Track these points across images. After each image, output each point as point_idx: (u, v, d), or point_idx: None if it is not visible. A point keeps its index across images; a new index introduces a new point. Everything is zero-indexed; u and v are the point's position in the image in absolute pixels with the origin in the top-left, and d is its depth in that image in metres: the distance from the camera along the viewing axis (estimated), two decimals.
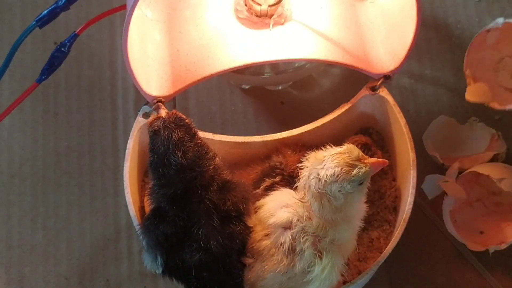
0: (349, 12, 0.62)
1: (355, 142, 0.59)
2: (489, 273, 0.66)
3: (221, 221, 0.50)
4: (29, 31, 0.58)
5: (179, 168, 0.48)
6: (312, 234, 0.50)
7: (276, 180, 0.58)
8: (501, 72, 0.71)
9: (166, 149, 0.48)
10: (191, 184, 0.49)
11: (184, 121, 0.50)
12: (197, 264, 0.50)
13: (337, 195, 0.48)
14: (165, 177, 0.49)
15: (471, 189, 0.69)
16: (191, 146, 0.49)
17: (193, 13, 0.61)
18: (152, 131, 0.49)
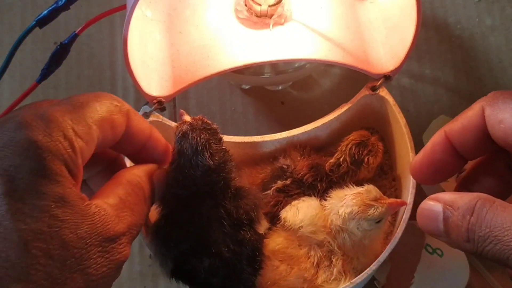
0: (349, 12, 0.62)
1: (351, 142, 0.60)
2: (489, 273, 0.66)
3: (232, 227, 0.50)
4: (29, 31, 0.58)
5: (206, 170, 0.48)
6: (342, 256, 0.54)
7: (287, 182, 0.59)
8: None
9: (194, 151, 0.48)
10: (213, 188, 0.49)
11: (211, 126, 0.50)
12: (207, 269, 0.50)
13: (355, 231, 0.53)
14: (190, 179, 0.49)
15: None
16: (218, 150, 0.49)
17: (193, 13, 0.61)
18: (180, 134, 0.49)
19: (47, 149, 0.36)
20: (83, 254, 0.35)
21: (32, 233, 0.33)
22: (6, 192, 0.34)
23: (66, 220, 0.35)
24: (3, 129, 0.36)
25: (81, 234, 0.35)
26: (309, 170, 0.59)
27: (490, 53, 0.76)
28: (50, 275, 0.33)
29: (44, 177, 0.35)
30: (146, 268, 0.68)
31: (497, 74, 0.75)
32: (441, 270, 0.64)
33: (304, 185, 0.59)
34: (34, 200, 0.34)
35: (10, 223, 0.33)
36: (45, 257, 0.33)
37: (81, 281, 0.35)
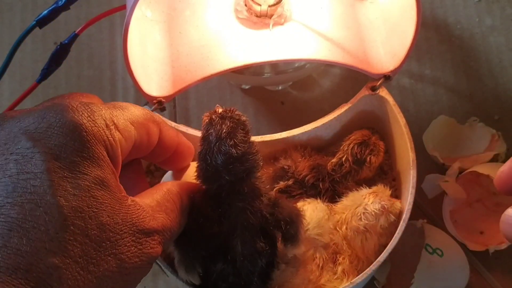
0: (349, 12, 0.62)
1: (353, 141, 0.60)
2: (489, 273, 0.66)
3: (253, 236, 0.49)
4: (29, 31, 0.58)
5: (228, 158, 0.47)
6: (348, 256, 0.55)
7: (290, 183, 0.59)
8: None
9: (218, 138, 0.47)
10: (237, 184, 0.48)
11: (240, 117, 0.49)
12: (218, 273, 0.49)
13: (378, 230, 0.55)
14: (212, 168, 0.47)
15: (471, 189, 0.69)
16: (243, 141, 0.48)
17: (193, 14, 0.61)
18: (207, 121, 0.49)
19: (91, 133, 0.37)
20: (118, 240, 0.36)
21: (72, 210, 0.34)
22: (51, 169, 0.35)
23: (105, 203, 0.36)
24: (50, 111, 0.37)
25: (117, 220, 0.37)
26: (311, 170, 0.59)
27: (490, 53, 0.76)
28: (85, 253, 0.34)
29: (87, 159, 0.37)
30: None
31: (497, 74, 0.75)
32: (441, 270, 0.64)
33: (306, 186, 0.59)
34: (76, 179, 0.36)
35: (52, 199, 0.34)
36: (83, 235, 0.34)
37: (114, 265, 0.36)
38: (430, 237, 0.65)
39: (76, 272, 0.33)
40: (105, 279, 0.35)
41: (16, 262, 0.32)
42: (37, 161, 0.35)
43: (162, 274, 0.67)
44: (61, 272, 0.33)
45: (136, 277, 0.39)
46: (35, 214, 0.33)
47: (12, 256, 0.32)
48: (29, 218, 0.33)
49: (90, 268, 0.34)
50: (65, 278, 0.33)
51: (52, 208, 0.34)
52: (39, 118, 0.37)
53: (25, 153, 0.35)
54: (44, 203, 0.34)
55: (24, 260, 0.32)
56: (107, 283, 0.36)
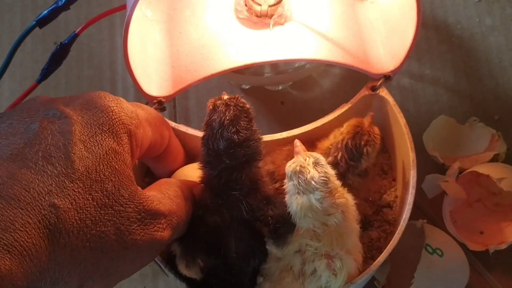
0: (349, 12, 0.62)
1: (346, 137, 0.57)
2: (489, 273, 0.66)
3: (247, 234, 0.49)
4: (29, 31, 0.58)
5: (230, 143, 0.48)
6: (324, 254, 0.50)
7: (276, 186, 0.56)
8: None
9: (221, 124, 0.48)
10: (236, 170, 0.48)
11: (244, 105, 0.50)
12: (210, 269, 0.49)
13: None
14: (213, 152, 0.48)
15: (471, 189, 0.69)
16: (246, 127, 0.49)
17: (193, 13, 0.61)
18: (212, 106, 0.50)
19: (117, 116, 0.41)
20: (121, 211, 0.38)
21: (82, 168, 0.37)
22: (72, 131, 0.38)
23: (113, 174, 0.39)
24: (83, 95, 0.42)
25: (123, 193, 0.39)
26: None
27: (490, 53, 0.76)
28: (86, 208, 0.37)
29: (107, 132, 0.40)
30: (146, 268, 0.68)
31: (497, 74, 0.75)
32: (441, 270, 0.64)
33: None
34: (92, 145, 0.39)
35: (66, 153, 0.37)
36: (86, 193, 0.37)
37: (113, 233, 0.38)
38: (430, 237, 0.65)
39: (74, 219, 0.35)
40: (101, 240, 0.37)
41: (21, 194, 0.34)
42: (64, 123, 0.38)
43: (162, 274, 0.67)
44: (60, 213, 0.35)
45: (137, 258, 0.40)
46: (49, 161, 0.36)
47: (17, 188, 0.34)
48: (41, 162, 0.36)
49: (87, 222, 0.36)
50: (64, 220, 0.35)
51: (65, 161, 0.37)
52: (73, 98, 0.42)
53: (55, 115, 0.39)
54: (58, 155, 0.37)
55: (29, 194, 0.34)
56: (104, 247, 0.37)
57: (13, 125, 0.38)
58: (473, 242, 0.65)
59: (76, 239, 0.35)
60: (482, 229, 0.68)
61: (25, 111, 0.39)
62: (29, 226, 0.33)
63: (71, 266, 0.35)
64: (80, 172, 0.37)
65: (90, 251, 0.36)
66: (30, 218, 0.33)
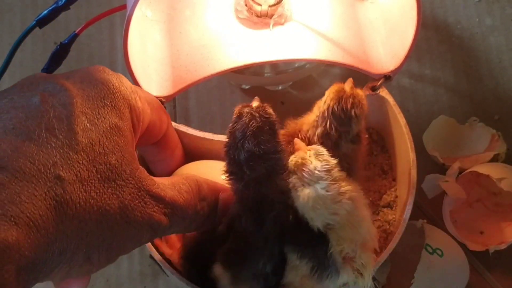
0: (349, 12, 0.62)
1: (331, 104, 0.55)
2: (489, 273, 0.66)
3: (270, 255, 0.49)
4: (29, 31, 0.58)
5: (250, 155, 0.47)
6: (343, 258, 0.49)
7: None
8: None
9: (243, 135, 0.47)
10: (262, 186, 0.47)
11: (271, 117, 0.49)
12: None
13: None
14: (235, 163, 0.47)
15: (471, 189, 0.69)
16: (268, 140, 0.47)
17: (193, 13, 0.61)
18: (236, 114, 0.49)
19: (118, 89, 0.41)
20: (123, 186, 0.39)
21: (86, 139, 0.37)
22: (74, 103, 0.38)
23: (116, 148, 0.39)
24: (83, 68, 0.42)
25: (125, 168, 0.39)
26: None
27: (490, 53, 0.76)
28: (90, 180, 0.36)
29: (109, 106, 0.40)
30: (146, 268, 0.68)
31: (497, 74, 0.75)
32: (441, 270, 0.64)
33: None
34: (94, 118, 0.39)
35: (69, 124, 0.37)
36: (90, 165, 0.37)
37: (116, 206, 0.38)
38: (430, 237, 0.65)
39: (80, 191, 0.35)
40: (106, 213, 0.37)
41: (26, 167, 0.34)
42: (63, 96, 0.38)
43: (162, 274, 0.67)
44: (66, 185, 0.35)
45: (137, 235, 0.40)
46: (52, 133, 0.36)
47: (22, 161, 0.34)
48: (44, 134, 0.36)
49: (92, 194, 0.36)
50: (70, 191, 0.35)
51: (68, 133, 0.37)
52: (73, 72, 0.41)
53: (53, 90, 0.38)
54: (60, 127, 0.37)
55: (34, 167, 0.34)
56: (109, 220, 0.37)
57: (14, 100, 0.38)
58: (473, 242, 0.65)
59: (83, 211, 0.35)
60: (482, 229, 0.68)
61: (25, 87, 0.39)
62: (35, 198, 0.33)
63: (78, 238, 0.35)
64: (84, 144, 0.37)
65: (96, 223, 0.36)
66: (36, 190, 0.33)
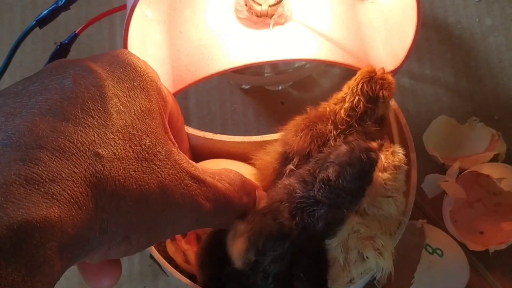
0: (349, 12, 0.62)
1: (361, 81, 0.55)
2: (489, 273, 0.66)
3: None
4: (29, 31, 0.58)
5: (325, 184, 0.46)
6: (364, 237, 0.49)
7: (296, 162, 0.53)
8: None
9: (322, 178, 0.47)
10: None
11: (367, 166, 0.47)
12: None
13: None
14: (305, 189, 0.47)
15: (471, 189, 0.69)
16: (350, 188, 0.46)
17: (193, 13, 0.61)
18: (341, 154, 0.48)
19: (145, 71, 0.41)
20: (161, 167, 0.38)
21: (120, 120, 0.38)
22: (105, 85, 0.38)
23: (149, 130, 0.39)
24: (112, 51, 0.42)
25: (160, 150, 0.39)
26: (309, 144, 0.54)
27: (490, 53, 0.76)
28: (128, 158, 0.37)
29: (138, 88, 0.40)
30: (146, 268, 0.68)
31: (497, 74, 0.75)
32: (441, 270, 0.64)
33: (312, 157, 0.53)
34: (125, 101, 0.39)
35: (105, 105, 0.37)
36: (126, 145, 0.37)
37: (156, 185, 0.38)
38: (430, 237, 0.64)
39: (118, 168, 0.36)
40: (145, 192, 0.37)
41: (65, 146, 0.34)
42: (94, 78, 0.38)
43: (162, 274, 0.67)
44: (105, 162, 0.35)
45: (179, 219, 0.40)
46: (88, 114, 0.36)
47: (61, 140, 0.34)
48: (81, 115, 0.36)
49: (131, 172, 0.36)
50: (109, 168, 0.35)
51: (103, 113, 0.37)
52: (98, 55, 0.41)
53: (83, 73, 0.38)
54: (96, 107, 0.37)
55: (73, 145, 0.34)
56: (149, 199, 0.37)
57: (45, 84, 0.37)
58: (473, 242, 0.65)
59: (122, 188, 0.35)
60: (482, 229, 0.68)
61: (54, 70, 0.39)
62: (76, 175, 0.33)
63: (118, 215, 0.35)
64: (119, 125, 0.37)
65: (136, 202, 0.36)
66: (76, 168, 0.33)
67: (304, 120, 0.55)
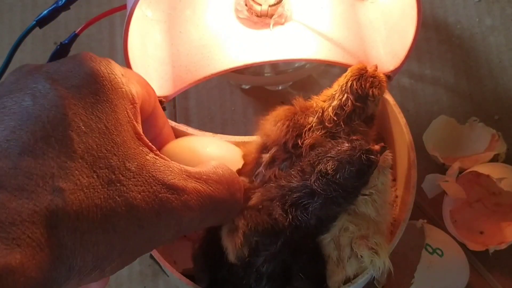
0: (349, 12, 0.62)
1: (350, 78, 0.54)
2: (489, 273, 0.66)
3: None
4: (29, 31, 0.58)
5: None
6: (358, 236, 0.49)
7: (273, 152, 0.53)
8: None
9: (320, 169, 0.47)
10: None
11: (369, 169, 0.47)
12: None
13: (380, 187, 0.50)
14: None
15: (471, 189, 0.69)
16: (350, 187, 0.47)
17: (193, 13, 0.61)
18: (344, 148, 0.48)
19: (108, 79, 0.39)
20: (130, 186, 0.36)
21: (83, 145, 0.35)
22: (65, 105, 0.36)
23: (116, 147, 0.37)
24: (71, 59, 0.39)
25: (130, 166, 0.37)
26: (285, 134, 0.53)
27: (490, 53, 0.76)
28: (92, 186, 0.35)
29: (101, 102, 0.38)
30: (146, 268, 0.68)
31: (497, 74, 0.75)
32: (441, 270, 0.64)
33: (290, 153, 0.52)
34: (89, 119, 0.37)
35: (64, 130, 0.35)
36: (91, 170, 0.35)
37: (124, 210, 0.36)
38: (430, 237, 0.64)
39: (81, 199, 0.34)
40: (112, 220, 0.35)
41: (23, 183, 0.32)
42: (54, 97, 0.36)
43: (162, 274, 0.67)
44: (66, 195, 0.33)
45: (155, 236, 0.38)
46: (47, 142, 0.34)
47: (20, 177, 0.32)
48: (40, 144, 0.34)
49: (95, 201, 0.34)
50: (71, 202, 0.33)
51: (64, 139, 0.35)
52: (58, 63, 0.39)
53: (43, 90, 0.36)
54: (56, 133, 0.35)
55: (32, 182, 0.33)
56: (116, 226, 0.35)
57: (5, 105, 0.36)
58: (473, 242, 0.65)
59: (86, 221, 0.34)
60: (482, 229, 0.68)
61: (13, 87, 0.37)
62: (36, 215, 0.32)
63: (84, 250, 0.34)
64: (81, 150, 0.35)
65: (102, 233, 0.34)
66: (36, 206, 0.32)
67: (285, 111, 0.54)
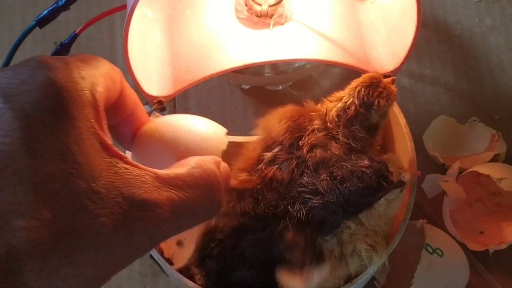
0: (349, 12, 0.62)
1: (360, 84, 0.55)
2: (489, 273, 0.66)
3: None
4: (29, 31, 0.58)
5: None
6: (362, 235, 0.50)
7: (276, 151, 0.53)
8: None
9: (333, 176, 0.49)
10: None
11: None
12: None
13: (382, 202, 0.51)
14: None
15: (471, 189, 0.69)
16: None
17: (194, 13, 0.61)
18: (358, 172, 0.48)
19: (66, 89, 0.34)
20: (97, 210, 0.32)
21: (44, 173, 0.32)
22: (21, 127, 0.32)
23: (80, 169, 0.33)
24: (23, 67, 0.35)
25: (97, 188, 0.33)
26: (284, 134, 0.54)
27: (490, 53, 0.76)
28: (57, 219, 0.31)
29: (61, 119, 0.34)
30: (146, 268, 0.68)
31: (497, 74, 0.75)
32: (441, 270, 0.64)
33: (293, 151, 0.53)
34: (48, 141, 0.33)
35: (22, 159, 0.32)
36: (54, 201, 0.31)
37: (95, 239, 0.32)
38: (430, 237, 0.65)
39: (46, 237, 0.31)
40: (82, 253, 0.32)
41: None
42: (9, 118, 0.32)
43: (162, 274, 0.67)
44: (27, 235, 0.30)
45: (131, 256, 0.35)
46: (4, 175, 0.31)
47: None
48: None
49: (62, 235, 0.31)
50: (32, 242, 0.30)
51: (22, 169, 0.31)
52: (11, 73, 0.34)
53: (1, 109, 0.32)
54: (13, 163, 0.31)
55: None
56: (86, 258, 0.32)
57: None
58: (473, 242, 0.65)
59: (52, 260, 0.31)
60: (482, 229, 0.68)
61: None
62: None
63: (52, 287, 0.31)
64: (42, 180, 0.32)
65: (71, 267, 0.32)
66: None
67: (292, 111, 0.54)
